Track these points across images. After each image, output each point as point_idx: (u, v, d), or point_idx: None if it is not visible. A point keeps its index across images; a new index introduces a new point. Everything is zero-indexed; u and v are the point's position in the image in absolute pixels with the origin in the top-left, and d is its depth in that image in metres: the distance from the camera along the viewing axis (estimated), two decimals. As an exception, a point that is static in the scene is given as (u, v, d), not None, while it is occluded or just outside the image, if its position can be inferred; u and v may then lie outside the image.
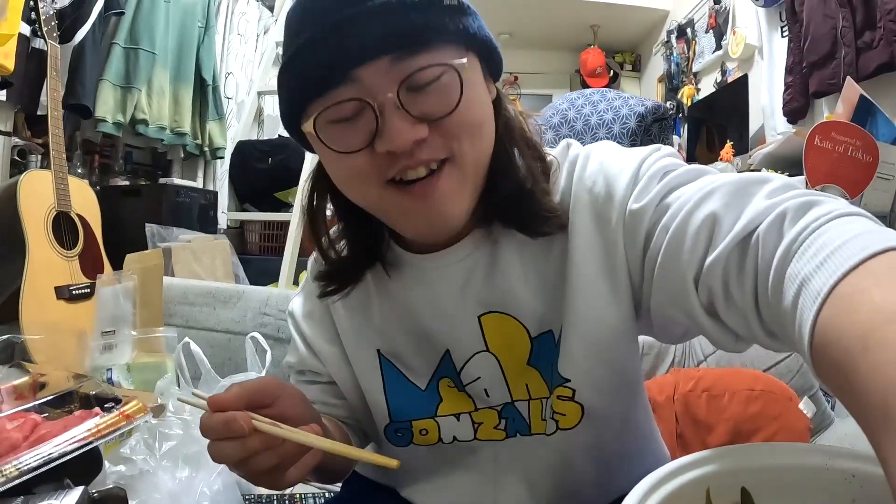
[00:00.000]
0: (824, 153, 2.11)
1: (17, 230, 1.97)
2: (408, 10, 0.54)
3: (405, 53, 0.55)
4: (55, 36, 2.19)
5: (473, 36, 0.59)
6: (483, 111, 0.60)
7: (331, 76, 0.56)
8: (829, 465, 0.45)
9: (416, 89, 0.56)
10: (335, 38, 0.55)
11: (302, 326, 0.77)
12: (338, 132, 0.57)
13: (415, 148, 0.56)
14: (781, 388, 1.27)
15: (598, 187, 0.62)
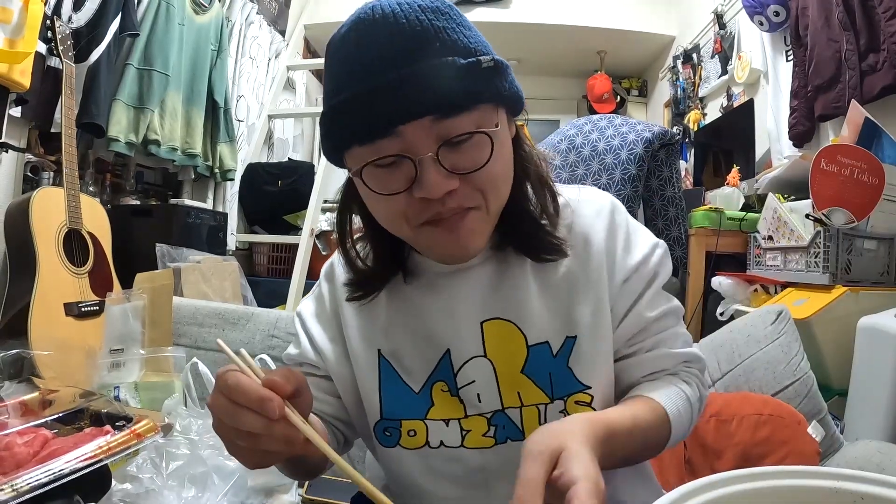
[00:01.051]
0: (830, 177, 2.12)
1: (28, 246, 1.99)
2: (451, 75, 0.60)
3: (445, 115, 0.60)
4: (71, 55, 2.23)
5: (504, 94, 0.65)
6: (507, 165, 0.68)
7: (377, 130, 0.61)
8: (839, 487, 0.45)
9: (451, 146, 0.62)
10: (384, 96, 0.59)
11: (308, 324, 0.82)
12: (380, 176, 0.64)
13: (447, 196, 0.63)
14: (790, 413, 1.26)
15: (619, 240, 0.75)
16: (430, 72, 0.59)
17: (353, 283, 0.77)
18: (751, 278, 2.52)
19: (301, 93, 5.03)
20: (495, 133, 0.63)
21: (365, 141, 0.62)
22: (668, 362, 0.74)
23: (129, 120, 2.78)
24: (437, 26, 0.61)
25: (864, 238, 2.12)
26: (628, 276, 0.74)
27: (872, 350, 1.71)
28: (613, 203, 0.78)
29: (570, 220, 0.75)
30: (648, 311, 0.74)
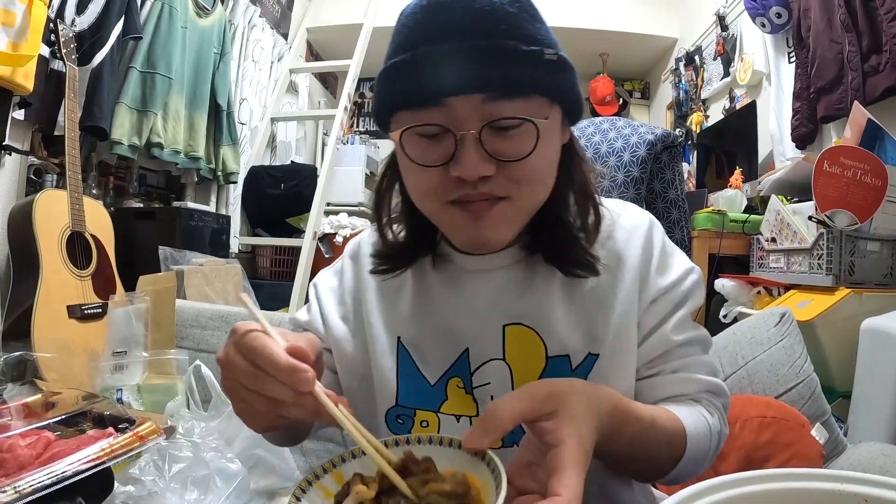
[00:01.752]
0: (833, 178, 2.11)
1: (31, 248, 1.99)
2: (511, 58, 0.59)
3: (497, 96, 0.60)
4: (74, 58, 2.24)
5: (563, 92, 0.64)
6: (550, 164, 0.67)
7: (426, 97, 0.61)
8: (842, 490, 0.45)
9: (496, 130, 0.61)
10: (438, 64, 0.59)
11: (322, 296, 0.83)
12: (420, 145, 0.63)
13: (480, 181, 0.62)
14: (793, 415, 1.25)
15: (654, 259, 0.73)
16: (489, 50, 0.59)
17: (382, 254, 0.77)
18: (754, 280, 2.52)
19: (304, 96, 5.03)
20: (543, 127, 0.62)
21: (412, 106, 0.62)
22: (690, 387, 0.72)
23: (132, 123, 2.79)
24: (508, 11, 0.60)
25: (868, 240, 2.12)
26: (657, 296, 0.72)
27: (876, 352, 1.71)
28: (652, 221, 0.77)
29: (608, 235, 0.74)
30: (674, 334, 0.72)
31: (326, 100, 5.76)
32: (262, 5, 4.21)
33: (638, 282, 0.72)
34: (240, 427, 1.27)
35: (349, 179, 4.83)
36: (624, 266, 0.72)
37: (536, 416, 0.51)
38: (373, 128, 6.44)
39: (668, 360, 0.72)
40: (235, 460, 1.09)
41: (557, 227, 0.71)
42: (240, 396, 0.53)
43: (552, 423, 0.50)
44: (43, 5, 2.09)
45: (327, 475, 0.53)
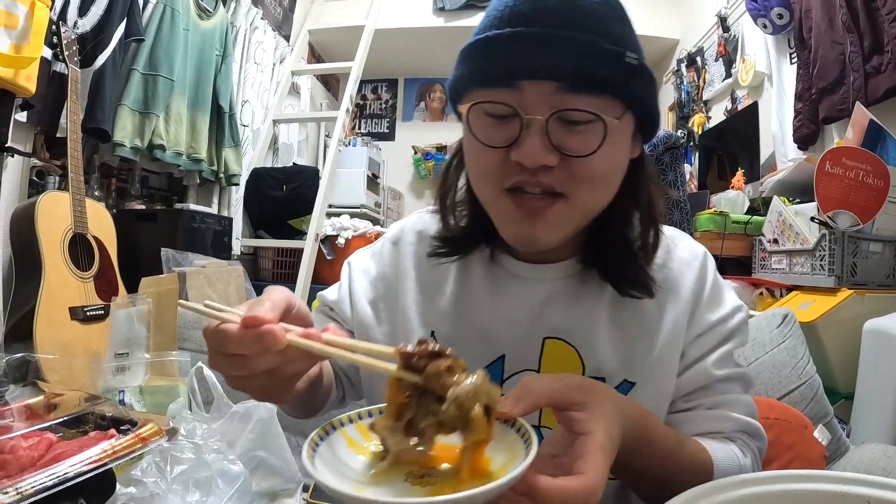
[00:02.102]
0: (835, 179, 2.11)
1: (33, 250, 1.99)
2: (590, 52, 0.58)
3: (571, 88, 0.59)
4: (76, 60, 2.25)
5: (639, 98, 0.63)
6: (613, 168, 0.65)
7: (500, 76, 0.60)
8: (845, 491, 0.45)
9: (564, 122, 0.60)
10: (517, 46, 0.59)
11: (353, 277, 0.82)
12: (486, 124, 0.63)
13: (540, 171, 0.60)
14: (796, 417, 1.25)
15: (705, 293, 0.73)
16: (571, 40, 0.58)
17: (442, 238, 0.75)
18: (756, 282, 2.51)
19: (306, 98, 5.04)
20: (612, 127, 0.60)
21: (486, 84, 0.62)
22: (726, 425, 0.70)
23: (135, 125, 2.79)
24: (597, 10, 0.60)
25: (870, 240, 2.11)
26: (704, 330, 0.72)
27: (878, 353, 1.71)
28: (706, 255, 0.76)
29: (662, 262, 0.73)
30: (716, 368, 0.70)
31: (328, 102, 5.77)
32: (264, 7, 4.22)
33: (688, 314, 0.71)
34: (242, 429, 1.27)
35: (351, 181, 4.83)
36: (675, 297, 0.72)
37: (568, 402, 0.51)
38: (374, 129, 6.45)
39: (707, 395, 0.71)
40: (237, 462, 1.09)
41: (617, 245, 0.70)
42: (245, 385, 0.53)
43: (582, 414, 0.50)
44: (45, 7, 2.10)
45: (352, 425, 0.53)
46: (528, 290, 0.72)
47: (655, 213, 0.71)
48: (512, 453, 0.47)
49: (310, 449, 0.48)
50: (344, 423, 0.53)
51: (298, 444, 1.42)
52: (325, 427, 0.51)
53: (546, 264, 0.72)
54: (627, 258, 0.70)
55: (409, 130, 6.38)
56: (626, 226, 0.70)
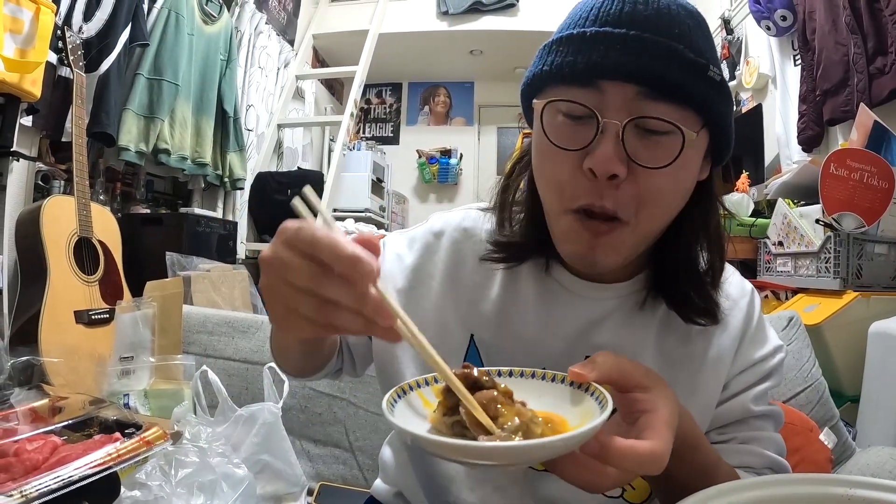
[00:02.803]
0: (840, 181, 2.11)
1: (39, 254, 2.00)
2: (675, 60, 0.57)
3: (652, 94, 0.57)
4: (81, 65, 2.26)
5: (717, 116, 0.61)
6: (681, 188, 0.63)
7: (581, 74, 0.58)
8: (851, 494, 0.45)
9: (640, 133, 0.58)
10: (602, 45, 0.57)
11: (387, 258, 0.77)
12: (560, 125, 0.60)
13: (606, 186, 0.58)
14: (802, 420, 1.24)
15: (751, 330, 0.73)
16: (657, 46, 0.57)
17: (497, 242, 0.72)
18: (761, 284, 2.50)
19: (310, 102, 5.06)
20: (690, 139, 0.58)
21: (565, 81, 0.60)
22: (756, 461, 0.69)
23: (140, 129, 2.81)
24: (683, 21, 0.59)
25: (875, 242, 2.11)
26: (746, 367, 0.71)
27: (884, 355, 1.70)
28: (754, 293, 0.76)
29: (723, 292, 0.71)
30: (753, 405, 0.70)
31: (333, 106, 5.78)
32: (269, 12, 4.23)
33: (734, 350, 0.71)
34: (246, 432, 1.27)
35: (355, 185, 4.84)
36: (722, 332, 0.71)
37: (634, 384, 0.51)
38: (379, 133, 6.46)
39: (741, 430, 0.71)
40: (242, 465, 1.09)
41: (687, 271, 0.68)
42: (283, 298, 0.44)
43: (648, 395, 0.51)
44: (50, 12, 2.11)
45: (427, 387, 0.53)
46: (579, 307, 0.71)
47: (722, 239, 0.69)
48: (586, 416, 0.47)
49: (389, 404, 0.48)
50: (420, 385, 0.52)
51: (303, 448, 1.43)
52: (403, 387, 0.51)
53: (602, 283, 0.70)
54: (696, 284, 0.68)
55: (414, 134, 6.39)
56: (693, 251, 0.68)
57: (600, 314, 0.70)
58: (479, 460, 0.43)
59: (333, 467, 1.42)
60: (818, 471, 1.16)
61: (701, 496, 0.46)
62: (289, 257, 0.42)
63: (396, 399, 0.50)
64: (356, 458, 1.42)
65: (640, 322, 0.70)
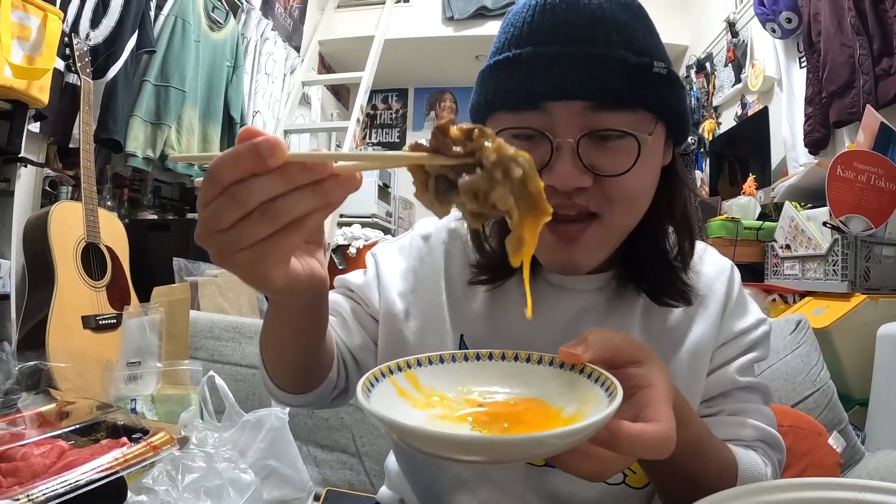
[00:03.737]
0: (847, 183, 2.10)
1: (46, 259, 2.02)
2: (618, 68, 0.57)
3: (600, 107, 0.57)
4: (88, 72, 2.28)
5: (670, 108, 0.61)
6: (647, 184, 0.63)
7: (526, 100, 0.58)
8: (860, 499, 0.44)
9: (597, 140, 0.58)
10: (541, 67, 0.57)
11: (382, 266, 0.78)
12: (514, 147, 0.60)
13: (574, 193, 0.59)
14: (810, 424, 1.24)
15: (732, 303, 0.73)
16: (596, 58, 0.56)
17: (479, 265, 0.72)
18: (769, 288, 2.49)
19: (316, 108, 5.07)
20: (645, 143, 0.59)
21: (511, 107, 0.60)
22: (747, 433, 0.69)
23: (147, 135, 2.82)
24: (619, 19, 0.58)
25: (883, 245, 2.09)
26: (729, 339, 0.72)
27: (893, 358, 1.69)
28: (733, 267, 0.76)
29: (695, 272, 0.71)
30: (738, 375, 0.71)
31: (339, 112, 5.80)
32: (275, 19, 4.25)
33: (717, 326, 0.71)
34: (253, 437, 1.27)
35: (362, 191, 4.78)
36: (704, 310, 0.71)
37: (627, 358, 0.50)
38: (385, 139, 6.47)
39: (729, 402, 0.71)
40: (248, 471, 1.09)
41: (654, 257, 0.69)
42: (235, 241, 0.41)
43: (641, 370, 0.50)
44: (57, 19, 2.13)
45: (401, 373, 0.50)
46: (564, 300, 0.71)
47: (690, 219, 0.70)
48: (585, 401, 0.46)
49: (364, 389, 0.45)
50: (393, 371, 0.49)
51: (310, 454, 1.42)
52: (375, 373, 0.48)
53: (584, 275, 0.70)
54: (664, 268, 0.69)
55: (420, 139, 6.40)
56: (661, 235, 0.69)
57: (585, 304, 0.71)
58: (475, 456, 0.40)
59: (340, 473, 1.42)
60: (827, 475, 1.15)
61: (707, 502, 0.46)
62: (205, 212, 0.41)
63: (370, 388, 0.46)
64: (363, 463, 1.41)
65: (623, 308, 0.71)
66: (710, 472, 0.61)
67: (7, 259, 2.10)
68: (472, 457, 0.41)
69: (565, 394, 0.47)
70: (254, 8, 3.92)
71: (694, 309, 0.71)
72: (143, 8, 2.74)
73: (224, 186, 0.40)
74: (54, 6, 2.17)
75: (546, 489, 0.69)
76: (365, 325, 0.77)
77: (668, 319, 0.71)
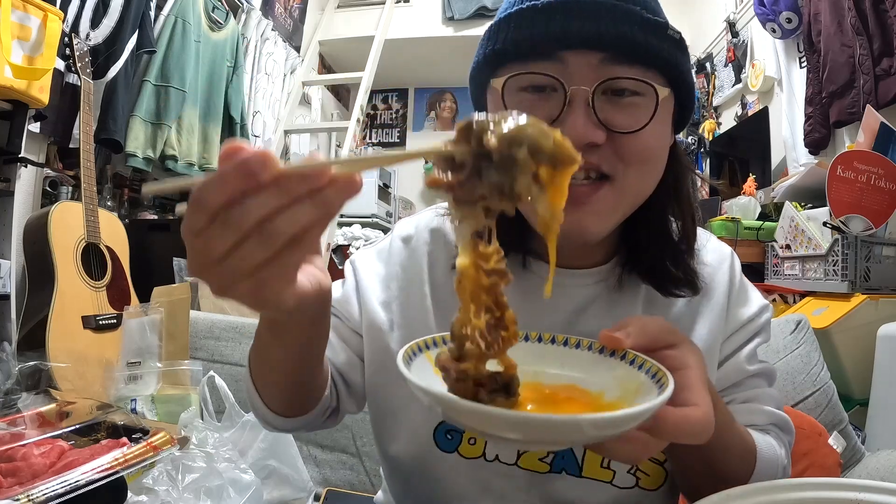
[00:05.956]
0: (847, 183, 2.10)
1: (46, 259, 2.01)
2: (637, 21, 0.55)
3: (618, 58, 0.55)
4: (89, 72, 2.28)
5: (681, 74, 0.60)
6: (662, 146, 0.61)
7: (541, 48, 0.56)
8: (861, 499, 0.44)
9: (611, 95, 0.57)
10: (560, 15, 0.55)
11: (361, 275, 0.74)
12: (523, 100, 0.58)
13: (587, 149, 0.55)
14: (810, 424, 1.24)
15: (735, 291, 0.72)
16: (615, 9, 0.55)
17: None
18: (769, 288, 2.49)
19: (316, 108, 5.07)
20: (662, 102, 0.57)
21: (524, 56, 0.57)
22: (760, 418, 0.69)
23: (147, 135, 2.82)
24: None
25: (883, 245, 2.09)
26: (736, 328, 0.70)
27: (893, 358, 1.69)
28: (734, 254, 0.75)
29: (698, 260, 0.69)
30: (748, 364, 0.70)
31: (339, 112, 5.80)
32: (275, 19, 4.25)
33: (723, 316, 0.70)
34: (253, 438, 1.27)
35: (362, 191, 4.83)
36: (708, 301, 0.70)
37: (662, 342, 0.49)
38: (385, 139, 6.47)
39: (740, 390, 0.70)
40: (249, 471, 1.09)
41: (661, 240, 0.66)
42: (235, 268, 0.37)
43: (675, 352, 0.49)
44: (58, 19, 2.13)
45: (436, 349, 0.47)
46: (562, 297, 0.68)
47: (694, 204, 0.67)
48: (628, 388, 0.45)
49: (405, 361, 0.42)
50: (429, 346, 0.47)
51: (310, 454, 1.42)
52: (412, 347, 0.45)
53: (581, 269, 0.68)
54: (672, 255, 0.66)
55: (420, 140, 6.39)
56: (665, 221, 0.66)
57: (583, 301, 0.68)
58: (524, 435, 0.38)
59: (340, 473, 1.42)
60: (827, 475, 1.15)
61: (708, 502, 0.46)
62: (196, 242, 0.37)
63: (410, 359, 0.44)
64: (363, 463, 1.41)
65: (624, 303, 0.68)
66: (732, 457, 0.60)
67: (7, 259, 2.10)
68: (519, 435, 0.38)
69: (605, 378, 0.46)
70: (254, 8, 3.92)
71: (698, 300, 0.69)
72: (143, 8, 2.74)
73: (213, 212, 0.35)
74: (54, 6, 2.17)
75: (552, 497, 0.67)
76: (348, 341, 0.73)
77: (672, 311, 0.69)
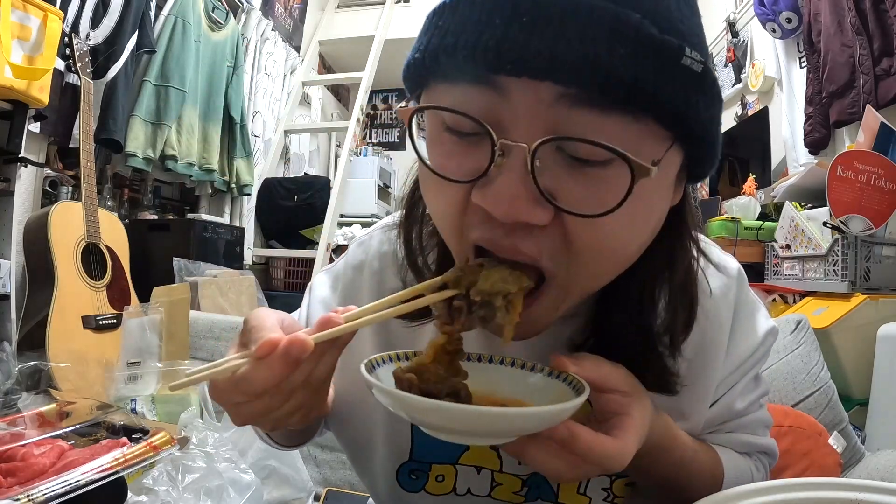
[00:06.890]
0: (847, 183, 2.10)
1: (46, 259, 2.01)
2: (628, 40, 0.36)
3: (584, 100, 0.36)
4: (88, 72, 2.27)
5: (697, 124, 0.40)
6: (636, 235, 0.43)
7: (472, 67, 0.37)
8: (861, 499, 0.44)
9: (566, 157, 0.39)
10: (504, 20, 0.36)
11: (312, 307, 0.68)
12: (443, 142, 0.43)
13: (521, 230, 0.40)
14: (810, 424, 1.24)
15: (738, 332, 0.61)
16: (591, 16, 0.35)
17: None
18: (769, 288, 2.49)
19: (316, 108, 5.07)
20: (644, 175, 0.37)
21: (451, 76, 0.40)
22: (744, 447, 0.65)
23: (147, 135, 2.82)
24: None
25: (883, 245, 2.09)
26: (733, 369, 0.61)
27: (893, 358, 1.69)
28: (741, 275, 0.62)
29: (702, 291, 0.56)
30: (739, 401, 0.63)
31: (339, 112, 5.80)
32: (275, 19, 4.25)
33: (723, 356, 0.59)
34: (253, 438, 1.27)
35: (362, 191, 4.85)
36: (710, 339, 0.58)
37: (612, 386, 0.47)
38: (385, 139, 6.47)
39: (727, 422, 0.64)
40: (249, 471, 1.09)
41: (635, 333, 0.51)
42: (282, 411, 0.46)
43: (625, 399, 0.47)
44: (58, 19, 2.12)
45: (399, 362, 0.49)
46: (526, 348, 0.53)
47: (693, 278, 0.52)
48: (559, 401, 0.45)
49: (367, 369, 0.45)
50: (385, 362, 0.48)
51: (310, 454, 1.42)
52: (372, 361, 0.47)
53: None
54: (646, 351, 0.51)
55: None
56: (646, 305, 0.50)
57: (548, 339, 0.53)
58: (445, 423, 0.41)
59: (340, 473, 1.42)
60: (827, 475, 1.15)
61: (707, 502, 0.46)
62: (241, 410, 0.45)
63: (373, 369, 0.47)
64: (363, 462, 1.41)
65: None
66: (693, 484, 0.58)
67: (7, 259, 2.10)
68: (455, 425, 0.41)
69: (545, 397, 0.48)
70: (254, 8, 3.92)
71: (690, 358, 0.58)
72: (143, 8, 2.74)
73: (260, 393, 0.43)
74: (54, 6, 2.17)
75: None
76: None
77: None
